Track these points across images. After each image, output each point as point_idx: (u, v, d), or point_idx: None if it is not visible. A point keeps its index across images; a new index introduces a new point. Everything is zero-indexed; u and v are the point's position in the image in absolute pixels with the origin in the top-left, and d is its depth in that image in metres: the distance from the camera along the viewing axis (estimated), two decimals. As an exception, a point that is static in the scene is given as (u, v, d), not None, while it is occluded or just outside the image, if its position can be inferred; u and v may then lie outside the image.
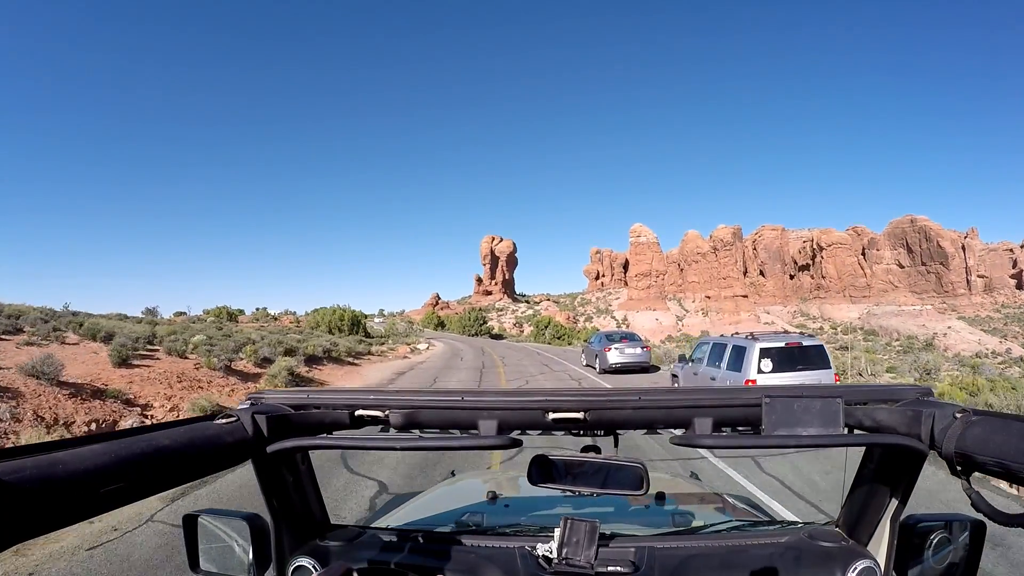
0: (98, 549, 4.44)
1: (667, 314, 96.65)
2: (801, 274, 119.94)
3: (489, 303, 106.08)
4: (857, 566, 1.17)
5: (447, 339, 58.84)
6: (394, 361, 27.31)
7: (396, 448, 1.06)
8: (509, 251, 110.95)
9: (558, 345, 52.76)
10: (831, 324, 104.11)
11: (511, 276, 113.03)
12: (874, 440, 1.05)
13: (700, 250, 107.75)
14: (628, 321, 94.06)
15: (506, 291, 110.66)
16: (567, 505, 1.79)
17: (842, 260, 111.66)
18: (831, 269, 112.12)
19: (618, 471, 1.12)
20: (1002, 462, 0.74)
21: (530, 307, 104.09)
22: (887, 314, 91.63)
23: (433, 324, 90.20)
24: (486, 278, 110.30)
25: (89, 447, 0.70)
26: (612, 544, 1.30)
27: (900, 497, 1.13)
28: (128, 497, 0.71)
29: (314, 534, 1.36)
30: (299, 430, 1.12)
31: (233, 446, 0.96)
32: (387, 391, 1.19)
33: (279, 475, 1.23)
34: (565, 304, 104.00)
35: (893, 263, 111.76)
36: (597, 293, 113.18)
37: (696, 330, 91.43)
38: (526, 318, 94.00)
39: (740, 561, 1.25)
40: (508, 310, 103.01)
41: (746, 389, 1.10)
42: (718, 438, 1.10)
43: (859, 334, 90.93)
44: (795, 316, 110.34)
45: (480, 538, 1.37)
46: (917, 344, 79.30)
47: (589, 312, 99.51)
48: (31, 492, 0.58)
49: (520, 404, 1.10)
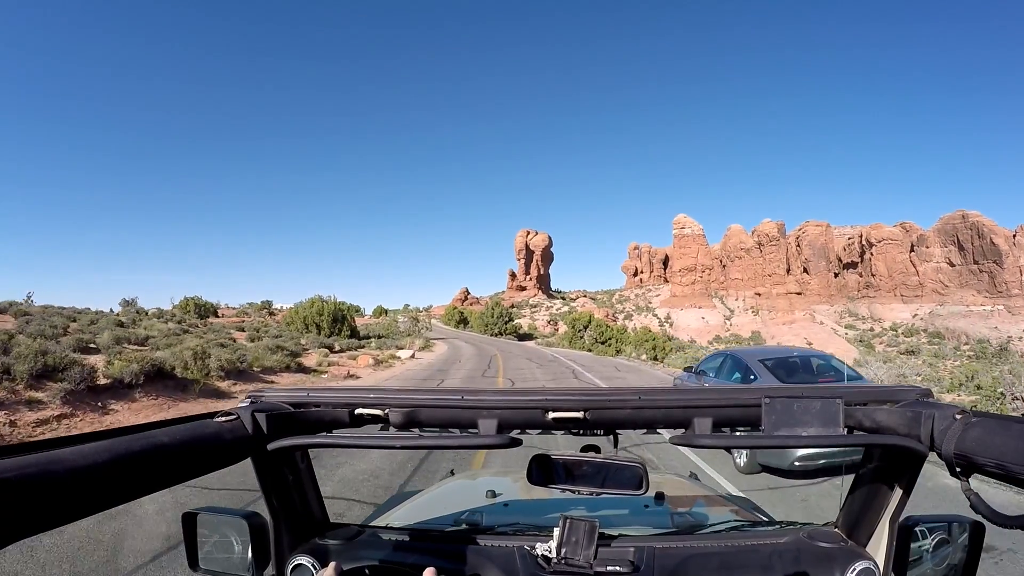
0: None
1: (714, 312, 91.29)
2: (846, 272, 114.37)
3: (523, 299, 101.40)
4: (856, 567, 1.17)
5: (461, 339, 51.93)
6: (334, 383, 20.92)
7: (396, 447, 1.07)
8: (544, 245, 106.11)
9: (602, 353, 40.60)
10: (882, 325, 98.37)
11: (546, 271, 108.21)
12: (873, 441, 1.05)
13: (744, 245, 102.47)
14: (672, 320, 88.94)
15: (541, 287, 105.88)
16: (566, 505, 1.77)
17: (893, 257, 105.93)
18: (881, 267, 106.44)
19: (618, 471, 1.14)
20: (1002, 463, 0.74)
21: (565, 304, 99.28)
22: (953, 315, 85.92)
23: (454, 321, 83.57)
24: (520, 273, 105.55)
25: (89, 444, 0.70)
26: (611, 544, 1.29)
27: (899, 498, 1.13)
28: (128, 494, 0.71)
29: (313, 533, 1.36)
30: (299, 428, 1.12)
31: (233, 444, 0.96)
32: (387, 389, 1.20)
33: (279, 473, 1.23)
34: (602, 301, 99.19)
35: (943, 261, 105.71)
36: (636, 290, 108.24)
37: (746, 330, 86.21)
38: (561, 315, 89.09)
39: (739, 561, 1.25)
40: (542, 307, 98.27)
41: (746, 389, 1.09)
42: (718, 438, 1.09)
43: (922, 336, 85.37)
44: (843, 316, 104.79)
45: (479, 537, 1.36)
46: (990, 349, 73.77)
47: (628, 310, 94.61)
48: (32, 489, 0.58)
49: (520, 403, 1.10)
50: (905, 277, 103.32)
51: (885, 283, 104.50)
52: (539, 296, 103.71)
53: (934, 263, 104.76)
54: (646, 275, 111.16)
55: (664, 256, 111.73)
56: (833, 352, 14.31)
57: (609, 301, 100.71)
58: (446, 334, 62.62)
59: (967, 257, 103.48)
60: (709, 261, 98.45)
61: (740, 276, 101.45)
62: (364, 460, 7.01)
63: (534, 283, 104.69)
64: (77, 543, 4.19)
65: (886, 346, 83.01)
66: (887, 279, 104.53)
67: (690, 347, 38.60)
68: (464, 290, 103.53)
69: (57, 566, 3.87)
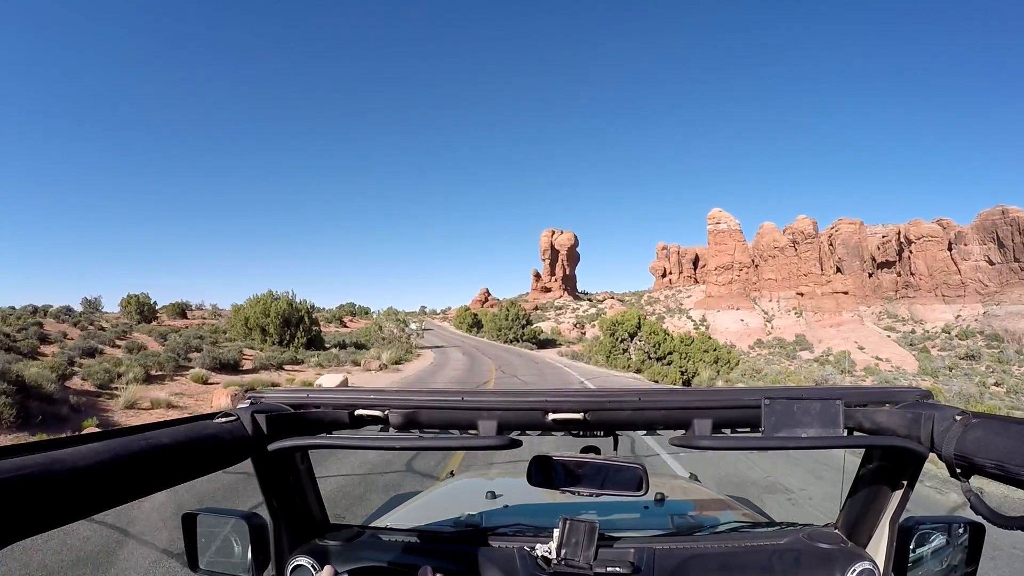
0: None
1: (754, 314, 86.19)
2: (880, 272, 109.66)
3: (548, 300, 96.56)
4: (856, 568, 1.17)
5: (463, 348, 42.63)
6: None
7: (395, 448, 1.08)
8: (570, 244, 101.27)
9: (660, 377, 28.83)
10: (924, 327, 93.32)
11: (572, 272, 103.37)
12: (873, 442, 1.06)
13: (777, 244, 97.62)
14: (708, 322, 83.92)
15: (566, 288, 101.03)
16: (567, 506, 1.75)
17: (933, 255, 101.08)
18: (921, 265, 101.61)
19: (617, 472, 1.14)
20: (1002, 464, 0.74)
21: (592, 305, 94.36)
22: (1011, 315, 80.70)
23: (467, 324, 75.51)
24: (545, 274, 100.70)
25: (89, 445, 0.70)
26: (611, 545, 1.29)
27: (899, 499, 1.14)
28: (128, 495, 0.71)
29: (313, 533, 1.37)
30: (299, 429, 1.13)
31: (233, 445, 0.96)
32: (387, 391, 1.21)
33: (278, 474, 1.23)
34: (631, 303, 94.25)
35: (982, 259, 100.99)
36: (665, 291, 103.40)
37: (790, 333, 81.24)
38: (588, 318, 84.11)
39: (739, 563, 1.26)
40: (568, 308, 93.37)
41: (746, 390, 1.10)
42: (717, 439, 1.09)
43: (979, 339, 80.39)
44: (881, 318, 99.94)
45: (479, 538, 1.36)
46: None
47: (659, 311, 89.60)
48: (32, 489, 0.58)
49: (520, 404, 1.11)
50: (946, 276, 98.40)
51: (925, 282, 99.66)
52: (565, 297, 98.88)
53: (972, 261, 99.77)
54: (675, 275, 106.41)
55: (694, 256, 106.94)
56: (888, 358, 10.65)
57: (638, 303, 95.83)
58: (450, 340, 54.02)
59: (1007, 255, 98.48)
60: (747, 258, 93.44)
61: (773, 276, 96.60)
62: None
63: (559, 284, 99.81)
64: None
65: (939, 350, 78.22)
66: (927, 278, 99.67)
67: (743, 355, 31.95)
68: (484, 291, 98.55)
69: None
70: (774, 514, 2.44)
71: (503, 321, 59.57)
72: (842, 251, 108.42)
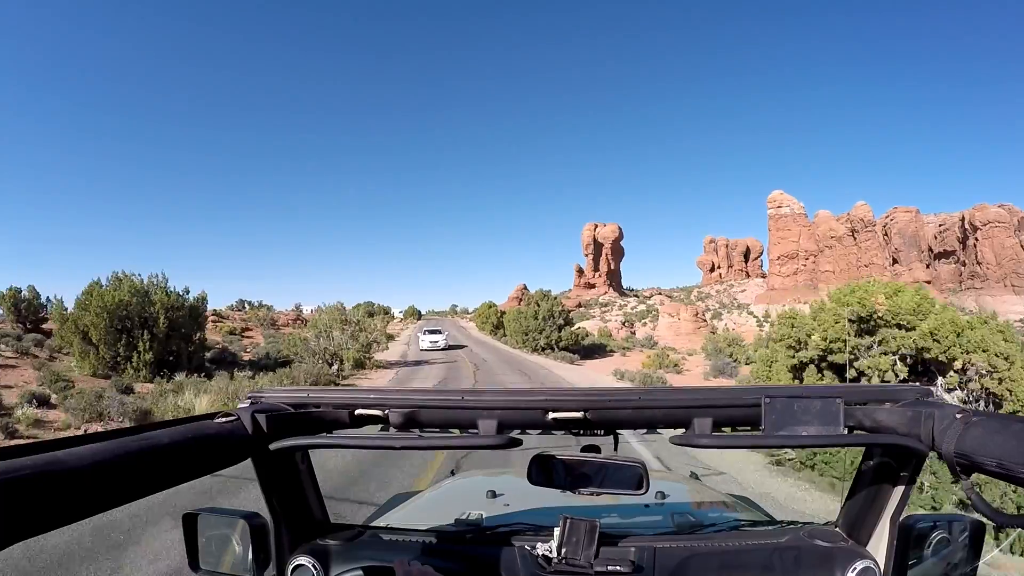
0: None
1: (823, 307, 78.64)
2: (938, 262, 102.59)
3: (592, 297, 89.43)
4: (857, 566, 1.18)
5: (462, 361, 29.35)
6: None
7: (395, 447, 1.09)
8: (614, 237, 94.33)
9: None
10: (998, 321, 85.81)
11: (617, 267, 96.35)
12: (874, 440, 1.07)
13: (835, 233, 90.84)
14: (772, 319, 76.55)
15: (611, 283, 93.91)
16: (567, 505, 1.70)
17: (1001, 242, 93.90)
18: (988, 254, 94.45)
19: (618, 471, 1.15)
20: (1002, 463, 0.74)
21: (641, 302, 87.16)
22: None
23: (490, 324, 63.06)
24: (588, 269, 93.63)
25: (88, 446, 0.70)
26: (612, 544, 1.29)
27: (900, 497, 1.15)
28: (128, 495, 0.71)
29: (314, 533, 1.36)
30: (299, 429, 1.13)
31: (233, 445, 0.96)
32: (387, 390, 1.22)
33: (279, 474, 1.24)
34: (680, 299, 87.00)
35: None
36: (716, 286, 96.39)
37: (866, 326, 74.30)
38: (638, 315, 76.89)
39: (740, 561, 1.26)
40: (614, 305, 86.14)
41: (746, 389, 1.11)
42: (718, 438, 1.10)
43: (1078, 328, 73.21)
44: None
45: (480, 537, 1.38)
46: None
47: (714, 307, 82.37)
48: (32, 489, 0.58)
49: (520, 403, 1.11)
50: (1016, 264, 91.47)
51: (993, 272, 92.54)
52: (610, 294, 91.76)
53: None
54: (724, 269, 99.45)
55: (745, 248, 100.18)
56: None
57: (688, 298, 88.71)
58: (454, 346, 39.48)
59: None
60: (813, 245, 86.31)
61: (831, 268, 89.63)
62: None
63: (604, 279, 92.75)
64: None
65: (1033, 341, 71.41)
66: (995, 268, 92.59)
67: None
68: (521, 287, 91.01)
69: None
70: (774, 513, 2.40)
71: (530, 320, 40.04)
72: (898, 241, 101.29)
